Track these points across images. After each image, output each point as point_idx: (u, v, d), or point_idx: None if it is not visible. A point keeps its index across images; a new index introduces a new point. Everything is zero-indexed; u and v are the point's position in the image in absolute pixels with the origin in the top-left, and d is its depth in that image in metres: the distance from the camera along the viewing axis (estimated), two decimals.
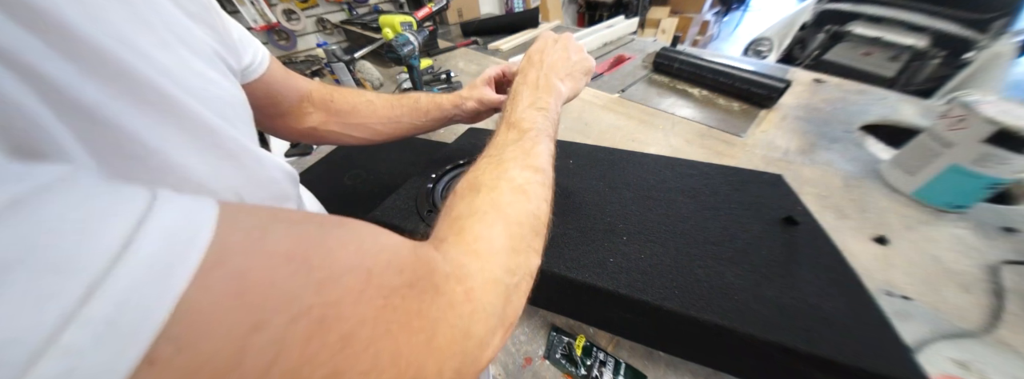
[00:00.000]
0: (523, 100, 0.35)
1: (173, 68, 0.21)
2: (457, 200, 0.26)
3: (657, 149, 0.75)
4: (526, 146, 0.30)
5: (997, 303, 0.45)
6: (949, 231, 0.55)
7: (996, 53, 1.52)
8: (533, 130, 0.32)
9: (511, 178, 0.27)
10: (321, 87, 0.48)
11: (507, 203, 0.25)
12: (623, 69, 1.09)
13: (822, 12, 1.96)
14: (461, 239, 0.22)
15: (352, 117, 0.48)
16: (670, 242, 0.40)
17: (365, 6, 1.46)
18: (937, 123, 0.57)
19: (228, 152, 0.25)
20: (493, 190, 0.26)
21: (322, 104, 0.47)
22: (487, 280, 0.20)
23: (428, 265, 0.18)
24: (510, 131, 0.32)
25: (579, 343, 0.44)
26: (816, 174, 0.66)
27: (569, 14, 2.91)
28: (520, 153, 0.29)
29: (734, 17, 4.01)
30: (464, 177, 0.28)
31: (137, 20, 0.20)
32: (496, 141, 0.32)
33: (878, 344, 0.31)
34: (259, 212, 0.15)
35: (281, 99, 0.43)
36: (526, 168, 0.28)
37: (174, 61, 0.22)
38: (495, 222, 0.23)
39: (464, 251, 0.21)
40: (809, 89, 0.95)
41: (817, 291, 0.35)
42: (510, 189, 0.26)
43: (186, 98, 0.21)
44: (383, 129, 0.50)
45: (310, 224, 0.16)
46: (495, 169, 0.28)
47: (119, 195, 0.11)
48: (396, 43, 0.76)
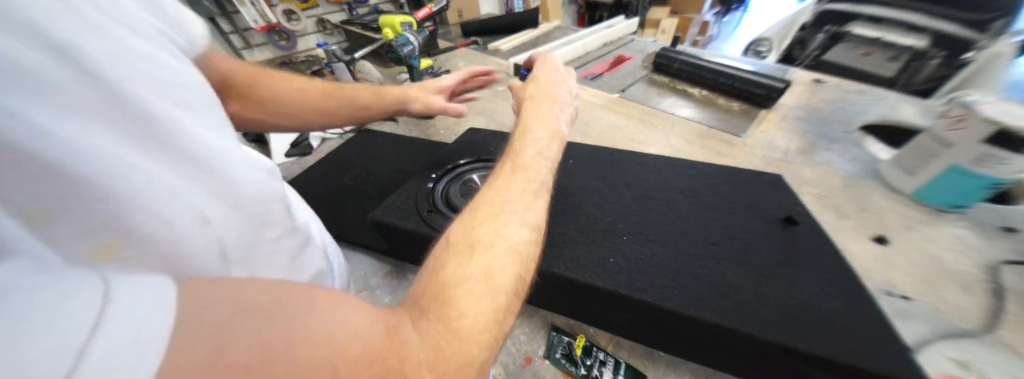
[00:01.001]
0: (535, 143, 0.33)
1: (112, 55, 0.19)
2: (450, 256, 0.24)
3: (657, 149, 0.75)
4: (527, 200, 0.29)
5: (997, 303, 0.45)
6: (949, 231, 0.55)
7: (996, 53, 1.52)
8: (538, 182, 0.31)
9: (508, 236, 0.26)
10: (241, 68, 0.43)
11: (499, 269, 0.24)
12: (623, 69, 1.09)
13: (822, 12, 1.97)
14: (444, 314, 0.21)
15: (278, 106, 0.45)
16: (670, 242, 0.40)
17: (365, 6, 1.46)
18: (937, 123, 0.57)
19: (164, 146, 0.21)
20: (488, 250, 0.25)
21: (243, 88, 0.42)
22: (462, 364, 0.20)
23: (400, 353, 0.17)
24: (515, 175, 0.31)
25: (579, 343, 0.44)
26: (816, 174, 0.66)
27: (569, 14, 2.91)
28: (522, 207, 0.29)
29: (734, 17, 4.01)
30: (459, 222, 0.28)
31: (58, 4, 0.17)
32: (499, 183, 0.30)
33: (878, 344, 0.31)
34: (222, 303, 0.14)
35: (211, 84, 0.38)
36: (524, 226, 0.27)
37: (110, 47, 0.19)
38: (483, 295, 0.22)
39: (444, 331, 0.20)
40: (809, 89, 0.95)
41: (817, 291, 0.35)
42: (505, 250, 0.25)
43: (134, 87, 0.19)
44: (316, 120, 0.48)
45: (277, 314, 0.15)
46: (493, 222, 0.27)
47: (61, 307, 0.10)
48: (396, 43, 0.76)
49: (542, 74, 0.40)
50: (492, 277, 0.24)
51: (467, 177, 0.51)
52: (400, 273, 0.56)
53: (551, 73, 0.40)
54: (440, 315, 0.21)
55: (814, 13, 2.00)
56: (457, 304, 0.22)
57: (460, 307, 0.21)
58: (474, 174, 0.51)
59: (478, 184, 0.50)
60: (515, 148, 0.33)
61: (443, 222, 0.44)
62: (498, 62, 1.18)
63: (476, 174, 0.51)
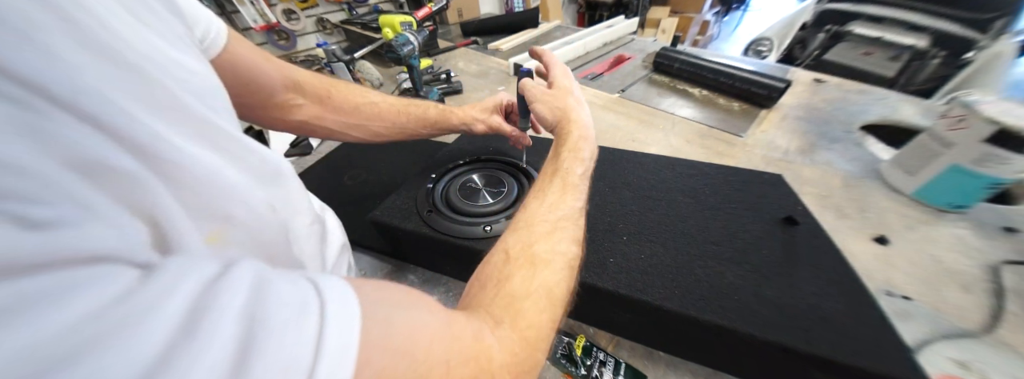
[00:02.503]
0: (582, 163, 0.35)
1: (156, 57, 0.20)
2: (513, 269, 0.27)
3: (657, 149, 0.75)
4: (576, 217, 0.32)
5: (997, 303, 0.45)
6: (949, 231, 0.55)
7: (996, 53, 1.52)
8: (583, 200, 0.33)
9: (563, 253, 0.29)
10: (314, 78, 0.45)
11: (555, 284, 0.27)
12: (623, 69, 1.09)
13: (822, 12, 1.96)
14: (516, 325, 0.24)
15: (352, 117, 0.47)
16: (670, 242, 0.40)
17: (365, 6, 1.46)
18: (937, 123, 0.57)
19: (221, 146, 0.24)
20: (548, 266, 0.27)
21: (316, 98, 0.45)
22: (531, 367, 0.23)
23: (487, 355, 0.20)
24: (566, 194, 0.32)
25: (579, 343, 0.44)
26: (816, 174, 0.66)
27: (569, 14, 2.91)
28: (573, 226, 0.31)
29: (734, 17, 4.01)
30: (516, 236, 0.29)
31: (124, 19, 0.19)
32: (551, 200, 0.32)
33: (878, 344, 0.31)
34: (381, 298, 0.18)
35: (257, 86, 0.39)
36: (574, 243, 0.30)
37: (154, 55, 0.20)
38: (544, 309, 0.25)
39: (517, 339, 0.23)
40: (809, 89, 0.95)
41: (817, 291, 0.35)
42: (561, 266, 0.28)
43: (180, 91, 0.20)
44: (384, 132, 0.49)
45: (407, 309, 0.18)
46: (549, 239, 0.29)
47: (299, 304, 0.14)
48: (396, 43, 0.76)
49: (568, 84, 0.41)
50: (552, 292, 0.26)
51: (467, 177, 0.51)
52: (400, 273, 0.56)
53: (573, 82, 0.41)
54: (513, 325, 0.23)
55: (815, 13, 1.99)
56: (525, 316, 0.24)
57: (528, 319, 0.24)
58: (474, 174, 0.51)
59: (478, 184, 0.50)
60: (565, 165, 0.34)
61: (443, 222, 0.44)
62: (498, 62, 1.18)
63: (476, 174, 0.51)
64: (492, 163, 0.54)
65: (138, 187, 0.15)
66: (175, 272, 0.12)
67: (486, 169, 0.53)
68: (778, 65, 1.11)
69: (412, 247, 0.52)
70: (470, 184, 0.50)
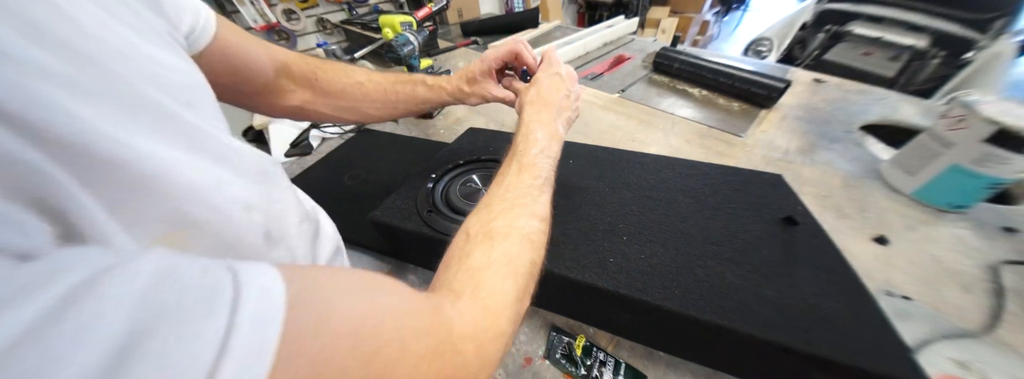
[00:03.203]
0: (536, 143, 0.37)
1: (126, 50, 0.19)
2: (473, 247, 0.27)
3: (657, 149, 0.75)
4: (534, 194, 0.33)
5: (997, 303, 0.45)
6: (949, 231, 0.55)
7: (996, 53, 1.52)
8: (542, 178, 0.35)
9: (521, 227, 0.29)
10: (301, 60, 0.44)
11: (516, 254, 0.27)
12: (623, 69, 1.09)
13: (822, 12, 1.97)
14: (476, 294, 0.24)
15: (342, 100, 0.47)
16: (670, 242, 0.40)
17: (365, 6, 1.46)
18: (937, 123, 0.57)
19: (195, 143, 0.22)
20: (506, 239, 0.28)
21: (305, 81, 0.44)
22: (495, 335, 0.23)
23: (447, 327, 0.20)
24: (522, 173, 0.34)
25: (579, 343, 0.44)
26: (816, 174, 0.66)
27: (569, 14, 2.91)
28: (530, 201, 0.32)
29: (734, 17, 4.01)
30: (476, 216, 0.31)
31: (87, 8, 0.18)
32: (507, 181, 0.34)
33: (878, 344, 0.31)
34: (327, 282, 0.17)
35: (251, 74, 0.39)
36: (533, 217, 0.31)
37: (125, 49, 0.20)
38: (507, 276, 0.26)
39: (478, 309, 0.23)
40: (809, 89, 0.95)
41: (817, 291, 0.35)
42: (520, 238, 0.29)
43: (146, 86, 0.19)
44: (377, 114, 0.49)
45: (361, 291, 0.18)
46: (507, 215, 0.30)
47: (208, 288, 0.13)
48: (396, 43, 0.76)
49: (543, 79, 0.43)
50: (512, 261, 0.27)
51: (467, 177, 0.51)
52: (400, 273, 0.56)
53: (552, 79, 0.43)
54: (473, 295, 0.24)
55: (815, 13, 2.00)
56: (486, 285, 0.25)
57: (489, 287, 0.25)
58: (474, 174, 0.51)
59: (478, 184, 0.50)
60: (519, 149, 0.36)
61: (443, 222, 0.44)
62: None
63: (476, 174, 0.51)
64: (492, 163, 0.54)
65: (41, 180, 0.14)
66: (54, 260, 0.11)
67: (486, 169, 0.53)
68: (778, 65, 1.11)
69: (412, 247, 0.52)
70: (470, 184, 0.50)
